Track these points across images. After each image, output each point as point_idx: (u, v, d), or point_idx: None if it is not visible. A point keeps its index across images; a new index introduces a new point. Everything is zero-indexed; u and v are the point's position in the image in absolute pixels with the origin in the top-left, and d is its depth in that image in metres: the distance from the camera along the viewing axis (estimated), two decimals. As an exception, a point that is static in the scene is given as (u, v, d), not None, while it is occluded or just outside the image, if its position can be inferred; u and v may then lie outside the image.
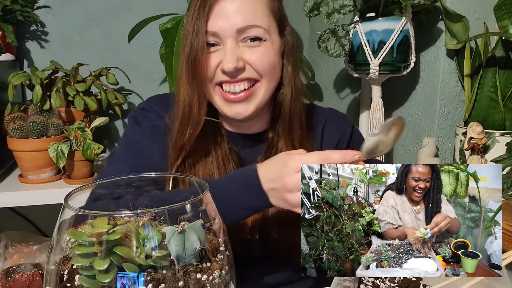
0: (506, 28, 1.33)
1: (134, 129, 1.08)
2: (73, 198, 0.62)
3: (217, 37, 0.96)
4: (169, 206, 0.56)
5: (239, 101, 0.98)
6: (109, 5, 2.06)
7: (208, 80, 0.98)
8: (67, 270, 0.57)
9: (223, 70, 0.96)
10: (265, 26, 0.97)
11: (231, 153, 1.06)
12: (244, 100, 0.98)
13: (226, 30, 0.95)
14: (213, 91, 1.00)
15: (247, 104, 0.99)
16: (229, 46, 0.95)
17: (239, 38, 0.96)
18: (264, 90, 0.99)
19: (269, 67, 0.98)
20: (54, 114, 1.61)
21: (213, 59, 0.97)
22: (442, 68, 1.53)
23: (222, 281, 0.59)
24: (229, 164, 1.05)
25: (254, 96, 0.99)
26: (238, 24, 0.94)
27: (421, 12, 1.54)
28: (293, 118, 1.04)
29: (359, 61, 1.53)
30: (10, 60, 1.80)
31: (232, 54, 0.95)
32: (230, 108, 0.99)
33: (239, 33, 0.95)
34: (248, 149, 1.09)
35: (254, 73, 0.97)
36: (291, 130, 1.04)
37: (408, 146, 1.71)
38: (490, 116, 1.37)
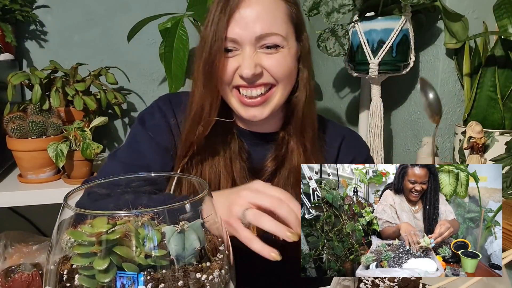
0: (505, 27, 1.33)
1: (138, 128, 1.10)
2: (73, 197, 0.62)
3: (236, 43, 0.97)
4: (168, 206, 0.56)
5: (256, 105, 1.00)
6: (108, 4, 2.06)
7: (226, 83, 1.00)
8: (67, 270, 0.57)
9: (241, 76, 0.97)
10: (283, 33, 0.98)
11: (240, 152, 1.08)
12: (260, 104, 1.00)
13: (245, 37, 0.96)
14: (230, 94, 1.02)
15: (263, 108, 1.01)
16: (247, 53, 0.97)
17: (257, 45, 0.97)
18: (279, 95, 1.02)
19: (286, 73, 1.00)
20: (53, 113, 1.61)
21: (231, 63, 0.99)
22: (441, 68, 1.53)
23: (222, 280, 0.59)
24: (236, 163, 1.06)
25: (270, 100, 1.01)
26: (257, 32, 0.96)
27: (421, 12, 1.54)
28: (306, 119, 1.06)
29: (358, 60, 1.53)
30: (9, 59, 1.80)
31: (250, 60, 0.96)
32: (246, 111, 1.01)
33: (258, 40, 0.97)
34: (259, 148, 1.11)
35: (271, 78, 0.99)
36: (303, 131, 1.06)
37: (407, 145, 1.71)
38: (489, 115, 1.37)
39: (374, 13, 1.49)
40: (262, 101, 1.00)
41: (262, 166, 1.09)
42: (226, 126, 1.07)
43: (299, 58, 1.05)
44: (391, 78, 1.61)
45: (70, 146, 1.53)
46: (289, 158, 1.07)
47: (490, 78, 1.36)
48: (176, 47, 1.74)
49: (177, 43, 1.74)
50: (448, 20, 1.44)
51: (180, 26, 1.75)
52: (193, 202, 0.59)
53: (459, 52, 1.48)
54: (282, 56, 0.99)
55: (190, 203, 0.59)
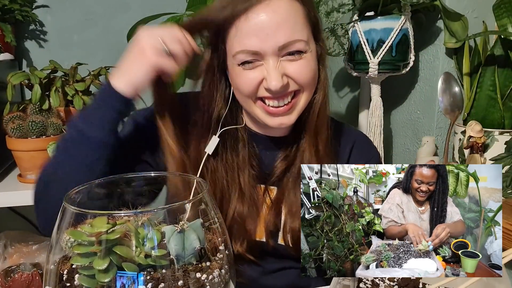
0: (505, 26, 1.33)
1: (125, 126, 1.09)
2: (73, 197, 0.62)
3: (257, 55, 0.92)
4: (168, 206, 0.56)
5: (283, 113, 0.97)
6: (108, 4, 2.05)
7: (248, 96, 0.97)
8: (67, 270, 0.57)
9: (268, 89, 0.93)
10: (305, 38, 0.93)
11: (250, 159, 1.05)
12: (287, 111, 0.97)
13: (268, 49, 0.91)
14: (254, 105, 0.98)
15: (290, 114, 0.98)
16: (271, 64, 0.92)
17: (280, 54, 0.92)
18: (304, 100, 0.98)
19: (310, 78, 0.97)
20: (53, 113, 1.60)
21: (254, 75, 0.94)
22: (441, 67, 1.53)
23: (222, 280, 0.59)
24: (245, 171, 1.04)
25: (296, 106, 0.98)
26: (280, 42, 0.90)
27: (420, 11, 1.54)
28: (321, 120, 1.03)
29: (358, 60, 1.53)
30: (9, 59, 1.80)
31: (276, 72, 0.91)
32: (273, 120, 0.98)
33: (281, 50, 0.91)
34: (269, 152, 1.08)
35: (296, 85, 0.95)
36: (317, 132, 1.03)
37: (407, 145, 1.71)
38: (489, 115, 1.37)
39: (374, 13, 1.49)
40: (288, 108, 0.96)
41: (272, 168, 1.07)
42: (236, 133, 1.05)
43: (319, 59, 1.02)
44: (391, 78, 1.61)
45: (69, 146, 1.53)
46: (300, 158, 1.04)
47: (490, 77, 1.36)
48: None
49: (177, 42, 1.74)
50: (447, 19, 1.44)
51: (179, 25, 1.75)
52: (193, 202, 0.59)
53: (458, 52, 1.48)
54: (306, 61, 0.95)
55: (190, 202, 0.59)
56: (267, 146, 1.08)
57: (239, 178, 1.03)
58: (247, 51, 0.91)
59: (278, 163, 1.06)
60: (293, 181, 1.04)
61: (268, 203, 1.06)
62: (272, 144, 1.08)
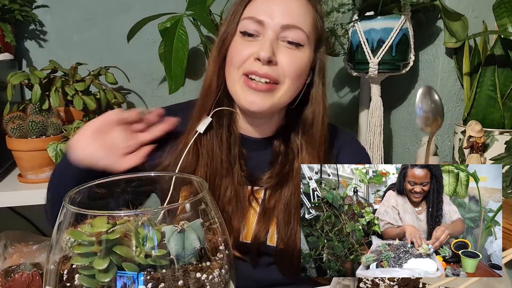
0: (505, 26, 1.33)
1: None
2: (73, 197, 0.62)
3: (261, 26, 0.97)
4: (168, 206, 0.56)
5: (260, 91, 0.97)
6: (107, 4, 2.05)
7: (236, 65, 0.99)
8: (67, 270, 0.57)
9: (256, 58, 0.96)
10: (307, 32, 0.98)
11: (240, 152, 1.07)
12: (265, 91, 0.97)
13: (271, 23, 0.96)
14: (237, 78, 1.00)
15: (265, 97, 0.98)
16: (269, 37, 0.96)
17: (280, 34, 0.97)
18: (282, 93, 1.00)
19: (297, 73, 0.99)
20: (53, 113, 1.60)
21: (248, 47, 0.98)
22: (441, 67, 1.53)
23: (222, 280, 0.59)
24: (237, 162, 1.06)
25: (273, 93, 0.99)
26: (285, 21, 0.96)
27: (420, 11, 1.54)
28: (323, 136, 1.05)
29: (358, 60, 1.53)
30: (9, 59, 1.80)
31: (270, 45, 0.96)
32: (248, 96, 0.99)
33: (283, 29, 0.97)
34: (255, 154, 1.10)
35: (279, 73, 0.98)
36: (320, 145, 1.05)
37: (407, 144, 1.71)
38: (489, 115, 1.37)
39: (374, 13, 1.49)
40: (267, 88, 0.97)
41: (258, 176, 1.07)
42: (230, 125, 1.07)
43: (314, 69, 1.05)
44: (391, 78, 1.61)
45: (69, 146, 1.53)
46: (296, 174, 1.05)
47: (490, 77, 1.36)
48: (176, 47, 1.74)
49: (177, 42, 1.74)
50: (447, 19, 1.44)
51: (179, 25, 1.75)
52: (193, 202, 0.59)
53: (458, 51, 1.48)
54: (300, 55, 0.99)
55: (189, 202, 0.59)
56: (254, 147, 1.10)
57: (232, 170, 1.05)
58: (254, 18, 0.98)
59: (271, 166, 1.08)
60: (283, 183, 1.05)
61: (255, 206, 1.06)
62: (258, 145, 1.10)
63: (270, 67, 0.96)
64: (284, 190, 1.05)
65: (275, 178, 1.06)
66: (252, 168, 1.08)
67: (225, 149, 1.05)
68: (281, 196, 1.05)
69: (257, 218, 1.05)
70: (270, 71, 0.96)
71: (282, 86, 0.99)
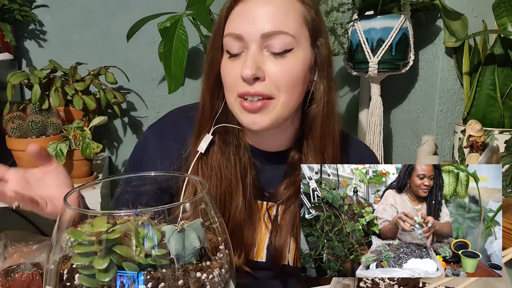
0: (504, 26, 1.33)
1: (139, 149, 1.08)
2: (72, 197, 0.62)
3: (241, 41, 0.89)
4: (168, 206, 0.56)
5: (256, 110, 0.90)
6: (107, 4, 2.05)
7: (229, 89, 0.93)
8: (67, 269, 0.57)
9: (242, 77, 0.88)
10: (294, 33, 0.88)
11: (251, 167, 1.01)
12: (261, 109, 0.90)
13: (251, 34, 0.87)
14: (233, 100, 0.93)
15: (263, 114, 0.91)
16: (251, 52, 0.88)
17: (264, 44, 0.88)
18: (279, 108, 0.91)
19: (291, 82, 0.90)
20: (53, 113, 1.61)
21: (236, 67, 0.90)
22: (441, 66, 1.53)
23: (222, 279, 0.59)
24: (247, 177, 1.00)
25: (269, 110, 0.91)
26: (265, 29, 0.87)
27: (420, 10, 1.54)
28: (326, 136, 0.97)
29: (358, 59, 1.53)
30: (9, 59, 1.80)
31: (253, 61, 0.87)
32: (246, 117, 0.92)
33: (264, 39, 0.87)
34: (270, 167, 1.03)
35: (272, 87, 0.89)
36: (323, 150, 0.97)
37: (407, 144, 1.71)
38: (489, 114, 1.37)
39: (374, 12, 1.49)
40: (262, 105, 0.90)
41: (276, 190, 1.02)
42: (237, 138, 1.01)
43: (314, 67, 0.95)
44: (391, 77, 1.61)
45: (69, 145, 1.53)
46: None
47: (490, 76, 1.36)
48: (176, 47, 1.74)
49: (176, 42, 1.75)
50: (447, 18, 1.44)
51: (179, 25, 1.76)
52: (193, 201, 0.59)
53: (458, 51, 1.48)
54: (290, 62, 0.89)
55: (189, 202, 0.59)
56: (267, 161, 1.03)
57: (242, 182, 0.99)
58: (232, 34, 0.90)
59: (282, 188, 1.01)
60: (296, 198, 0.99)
61: (268, 222, 1.02)
62: (272, 159, 1.03)
63: (260, 83, 0.89)
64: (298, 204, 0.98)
65: (288, 190, 1.00)
66: (266, 182, 1.03)
67: (233, 166, 0.99)
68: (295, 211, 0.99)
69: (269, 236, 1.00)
70: (260, 88, 0.88)
71: (277, 100, 0.90)
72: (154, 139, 1.06)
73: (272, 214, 1.02)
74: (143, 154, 1.06)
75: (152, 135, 1.07)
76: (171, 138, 1.04)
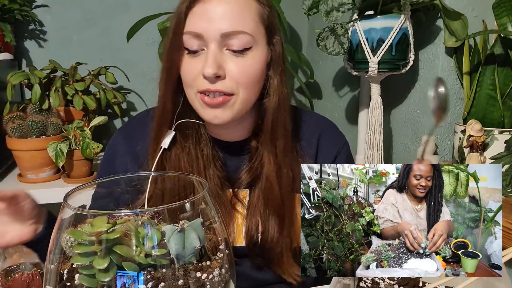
0: (504, 25, 1.33)
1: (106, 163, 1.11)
2: (73, 197, 0.62)
3: (201, 40, 0.91)
4: (168, 206, 0.56)
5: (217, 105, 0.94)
6: (107, 4, 2.05)
7: (189, 86, 0.96)
8: (67, 269, 0.57)
9: (203, 75, 0.91)
10: (252, 32, 0.92)
11: (214, 159, 1.04)
12: (222, 104, 0.94)
13: (210, 33, 0.90)
14: (194, 96, 0.96)
15: (224, 109, 0.95)
16: (212, 51, 0.91)
17: (223, 43, 0.91)
18: (239, 103, 0.95)
19: (251, 80, 0.94)
20: (53, 113, 1.61)
21: (195, 64, 0.93)
22: (441, 66, 1.53)
23: (222, 279, 0.59)
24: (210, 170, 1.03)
25: (230, 105, 0.95)
26: (223, 29, 0.89)
27: (420, 10, 1.54)
28: (277, 127, 1.00)
29: (358, 59, 1.53)
30: (9, 59, 1.80)
31: (214, 59, 0.90)
32: (208, 112, 0.96)
33: (224, 38, 0.90)
34: (233, 157, 1.07)
35: (232, 85, 0.93)
36: (274, 139, 1.01)
37: (407, 144, 1.71)
38: (489, 114, 1.37)
39: (374, 12, 1.49)
40: (223, 100, 0.93)
41: (237, 176, 1.06)
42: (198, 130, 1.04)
43: (269, 63, 0.99)
44: (391, 77, 1.61)
45: (69, 145, 1.53)
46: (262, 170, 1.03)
47: (490, 76, 1.36)
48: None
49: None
50: (447, 18, 1.44)
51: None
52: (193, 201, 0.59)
53: (458, 51, 1.48)
54: (250, 61, 0.93)
55: (189, 202, 0.59)
56: (230, 151, 1.07)
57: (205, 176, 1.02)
58: (191, 32, 0.92)
59: (243, 174, 1.05)
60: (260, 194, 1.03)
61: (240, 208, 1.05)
62: (235, 148, 1.07)
63: (221, 81, 0.92)
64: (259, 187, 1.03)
65: (249, 175, 1.04)
66: (232, 170, 1.06)
67: (195, 159, 1.02)
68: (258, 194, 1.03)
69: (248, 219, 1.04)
70: (221, 86, 0.92)
71: (238, 97, 0.94)
72: (123, 139, 1.09)
73: (245, 198, 1.06)
74: (114, 155, 1.09)
75: (120, 136, 1.11)
76: (138, 138, 1.07)
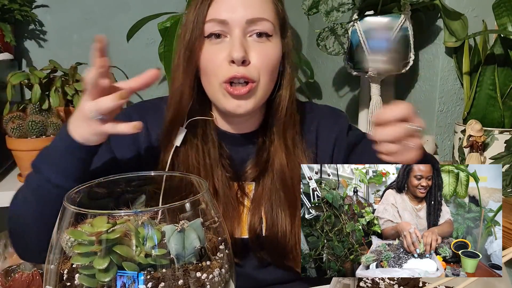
0: (504, 25, 1.33)
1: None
2: (73, 197, 0.62)
3: (225, 26, 0.94)
4: (168, 206, 0.56)
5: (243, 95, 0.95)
6: (107, 3, 2.05)
7: (213, 74, 0.96)
8: (67, 269, 0.57)
9: (231, 60, 0.92)
10: (273, 21, 0.96)
11: (221, 158, 1.04)
12: (247, 93, 0.95)
13: (235, 20, 0.93)
14: (218, 87, 0.96)
15: (248, 99, 0.96)
16: (237, 36, 0.93)
17: (247, 30, 0.94)
18: (261, 90, 0.97)
19: (271, 67, 0.97)
20: (53, 113, 1.60)
21: (219, 52, 0.94)
22: (441, 66, 1.53)
23: (222, 279, 0.59)
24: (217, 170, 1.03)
25: (254, 93, 0.97)
26: (248, 15, 0.93)
27: (420, 10, 1.54)
28: (288, 118, 1.04)
29: (358, 59, 1.52)
30: (9, 59, 1.79)
31: (241, 44, 0.92)
32: (231, 102, 0.96)
33: (249, 24, 0.93)
34: (239, 149, 1.08)
35: (255, 71, 0.95)
36: (285, 129, 1.04)
37: (407, 144, 1.71)
38: (489, 114, 1.37)
39: (374, 12, 1.48)
40: (249, 89, 0.94)
41: (244, 171, 1.07)
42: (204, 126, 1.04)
43: (283, 55, 1.02)
44: (391, 77, 1.61)
45: (69, 145, 1.53)
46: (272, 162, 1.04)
47: (490, 76, 1.36)
48: (176, 46, 1.74)
49: (177, 42, 1.74)
50: (447, 18, 1.44)
51: (179, 25, 1.75)
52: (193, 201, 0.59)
53: (458, 51, 1.48)
54: (271, 47, 0.96)
55: (189, 202, 0.59)
56: (238, 143, 1.08)
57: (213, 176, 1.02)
58: (215, 19, 0.94)
59: (249, 168, 1.06)
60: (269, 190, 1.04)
61: (245, 201, 1.06)
62: (243, 141, 1.08)
63: (245, 67, 0.93)
64: (266, 180, 1.04)
65: (256, 168, 1.05)
66: (238, 164, 1.07)
67: (202, 157, 1.02)
68: (264, 187, 1.04)
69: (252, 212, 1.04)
70: (246, 72, 0.93)
71: (259, 84, 0.96)
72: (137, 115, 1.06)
73: (251, 192, 1.06)
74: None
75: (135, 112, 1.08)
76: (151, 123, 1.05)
